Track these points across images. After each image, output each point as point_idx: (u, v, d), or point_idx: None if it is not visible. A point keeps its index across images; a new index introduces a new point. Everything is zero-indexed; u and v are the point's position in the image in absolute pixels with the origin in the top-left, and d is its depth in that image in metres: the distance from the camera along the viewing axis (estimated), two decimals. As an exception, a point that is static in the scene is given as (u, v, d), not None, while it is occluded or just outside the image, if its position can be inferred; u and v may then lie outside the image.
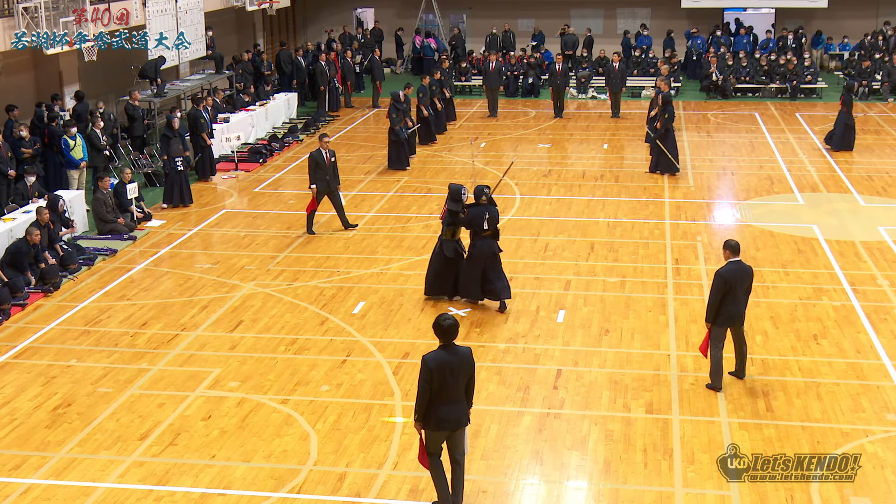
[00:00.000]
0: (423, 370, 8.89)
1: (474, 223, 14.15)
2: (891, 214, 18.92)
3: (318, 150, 17.78)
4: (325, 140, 18.02)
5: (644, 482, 9.93)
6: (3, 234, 16.07)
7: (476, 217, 14.12)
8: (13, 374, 12.59)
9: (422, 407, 8.97)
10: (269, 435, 10.93)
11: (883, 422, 11.06)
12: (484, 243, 14.17)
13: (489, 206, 14.16)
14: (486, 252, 14.15)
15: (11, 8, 19.68)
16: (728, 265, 11.61)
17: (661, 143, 21.70)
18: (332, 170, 17.83)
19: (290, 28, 39.04)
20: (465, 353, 9.07)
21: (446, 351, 8.97)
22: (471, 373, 9.13)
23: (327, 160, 17.71)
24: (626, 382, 12.06)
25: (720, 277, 11.50)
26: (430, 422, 9.02)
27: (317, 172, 17.72)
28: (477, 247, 14.21)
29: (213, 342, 13.44)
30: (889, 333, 13.38)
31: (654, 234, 17.79)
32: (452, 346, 9.00)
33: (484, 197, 14.13)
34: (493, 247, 14.21)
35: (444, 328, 8.93)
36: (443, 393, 8.95)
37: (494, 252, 14.23)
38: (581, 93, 32.39)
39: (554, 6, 37.85)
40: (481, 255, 14.16)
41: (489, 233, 14.16)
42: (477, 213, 14.13)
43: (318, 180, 17.73)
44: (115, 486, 9.95)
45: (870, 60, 31.82)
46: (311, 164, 17.81)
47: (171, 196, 19.97)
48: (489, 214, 14.10)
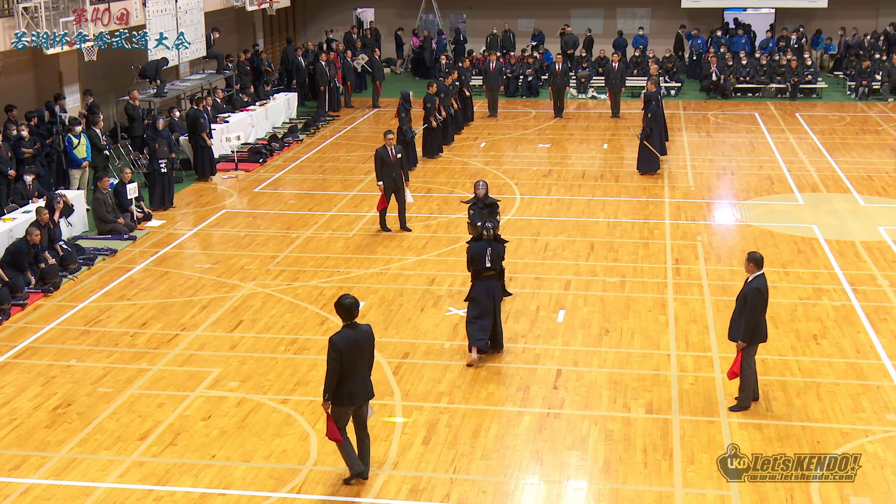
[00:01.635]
0: (333, 351, 9.34)
1: (475, 261, 12.59)
2: (891, 214, 18.92)
3: (383, 147, 17.49)
4: (389, 136, 17.69)
5: (644, 482, 9.93)
6: (3, 234, 16.08)
7: (477, 253, 12.57)
8: (13, 374, 12.60)
9: (331, 386, 9.43)
10: (269, 435, 10.93)
11: (883, 422, 11.06)
12: (483, 284, 12.60)
13: (492, 241, 12.57)
14: (486, 293, 12.54)
15: (11, 8, 19.67)
16: (759, 279, 10.98)
17: (647, 143, 21.73)
18: (399, 166, 17.51)
19: (290, 28, 39.03)
20: (366, 330, 9.66)
21: (351, 329, 9.50)
22: (373, 347, 9.72)
23: (393, 156, 17.42)
24: (625, 382, 12.06)
25: (759, 294, 10.88)
26: (343, 398, 9.51)
27: (383, 169, 17.47)
28: (476, 288, 12.65)
29: (213, 342, 13.45)
30: (889, 333, 13.39)
31: (654, 234, 17.79)
32: (355, 324, 9.54)
33: (486, 232, 12.55)
34: (492, 288, 12.63)
35: (346, 306, 9.45)
36: (352, 370, 9.48)
37: (493, 295, 12.60)
38: (581, 93, 32.40)
39: (554, 6, 37.85)
40: (480, 297, 12.56)
41: (492, 272, 12.67)
42: (478, 248, 12.58)
43: (384, 177, 17.49)
44: (115, 486, 9.95)
45: (870, 60, 31.82)
46: (377, 162, 17.56)
47: (153, 198, 19.86)
48: (492, 250, 12.56)
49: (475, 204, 15.06)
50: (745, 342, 11.03)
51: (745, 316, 10.96)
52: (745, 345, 11.04)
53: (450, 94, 25.13)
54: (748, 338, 11.01)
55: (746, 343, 11.03)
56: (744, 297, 11.03)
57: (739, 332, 11.02)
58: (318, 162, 23.71)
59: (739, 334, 11.02)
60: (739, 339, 11.03)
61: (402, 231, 17.87)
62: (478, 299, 12.53)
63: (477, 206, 15.02)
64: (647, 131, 21.75)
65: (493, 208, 15.09)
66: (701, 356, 12.75)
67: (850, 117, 28.58)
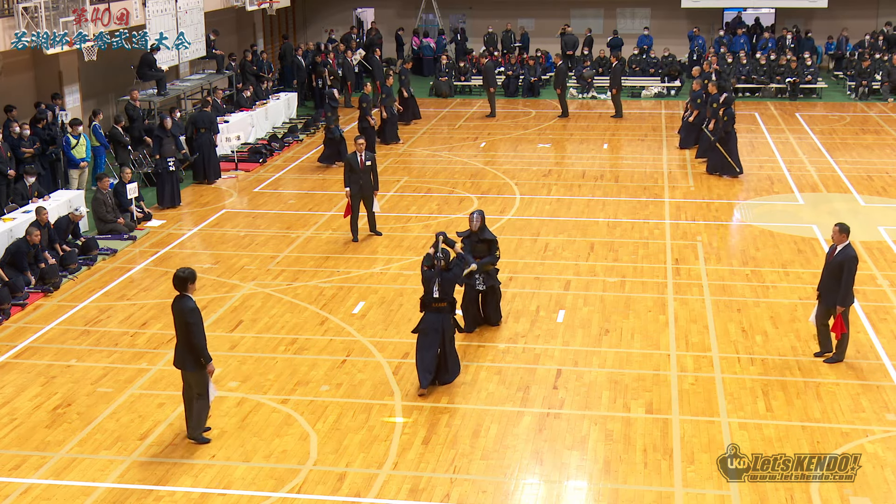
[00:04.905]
0: (197, 313, 10.38)
1: (424, 290, 11.82)
2: (891, 214, 18.92)
3: (353, 153, 17.22)
4: (360, 142, 17.37)
5: (644, 482, 9.93)
6: (3, 234, 16.07)
7: (426, 282, 11.78)
8: (13, 374, 12.60)
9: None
10: (269, 435, 10.93)
11: (883, 422, 11.06)
12: (434, 317, 11.77)
13: (443, 271, 11.72)
14: (436, 328, 11.72)
15: (11, 8, 19.67)
16: (850, 247, 12.00)
17: (721, 146, 21.62)
18: (367, 173, 17.15)
19: (291, 28, 39.04)
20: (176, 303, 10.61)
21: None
22: (178, 317, 10.58)
23: (361, 163, 17.08)
24: (625, 382, 12.06)
25: (855, 259, 11.91)
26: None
27: (351, 175, 17.15)
28: (426, 320, 11.81)
29: (213, 342, 13.42)
30: (889, 333, 13.39)
31: (654, 234, 17.79)
32: (183, 295, 10.47)
33: (437, 261, 11.73)
34: (443, 322, 11.73)
35: (180, 278, 10.42)
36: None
37: (442, 330, 11.73)
38: (582, 92, 32.39)
39: (554, 6, 37.85)
40: (430, 332, 11.74)
41: (443, 304, 11.79)
42: (428, 276, 11.77)
43: (352, 184, 17.15)
44: (115, 486, 9.95)
45: (870, 60, 31.82)
46: (346, 168, 17.28)
47: (163, 197, 19.95)
48: (441, 280, 11.68)
49: (469, 237, 13.49)
50: (844, 306, 11.95)
51: (844, 280, 11.88)
52: (844, 308, 11.95)
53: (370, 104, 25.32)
54: (843, 300, 11.93)
55: (844, 307, 11.95)
56: (839, 264, 11.95)
57: (837, 297, 11.95)
58: (317, 162, 23.71)
59: (838, 299, 11.95)
60: (838, 304, 11.96)
61: (372, 234, 17.56)
62: (426, 331, 11.79)
63: (471, 239, 13.44)
64: (721, 134, 21.61)
65: (491, 245, 13.42)
66: (701, 356, 12.76)
67: (850, 117, 28.57)
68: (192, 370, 10.50)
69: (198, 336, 10.38)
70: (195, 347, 10.39)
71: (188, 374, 10.56)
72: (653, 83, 32.63)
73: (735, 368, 12.39)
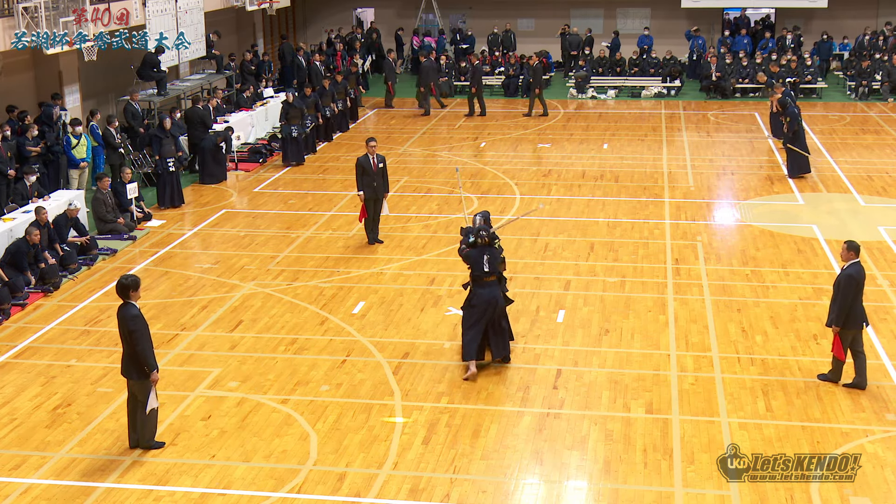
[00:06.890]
0: (140, 321, 10.29)
1: (473, 267, 12.31)
2: (891, 214, 18.92)
3: (364, 156, 16.96)
4: (372, 144, 17.01)
5: (644, 482, 9.93)
6: (3, 234, 16.06)
7: (474, 260, 12.29)
8: (13, 373, 12.60)
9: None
10: (269, 435, 10.93)
11: (883, 422, 11.06)
12: (485, 291, 12.30)
13: (488, 246, 12.30)
14: (490, 301, 12.23)
15: (11, 8, 19.66)
16: (854, 266, 11.56)
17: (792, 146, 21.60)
18: (380, 176, 16.90)
19: (291, 28, 39.04)
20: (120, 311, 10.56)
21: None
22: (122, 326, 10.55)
23: (374, 165, 16.83)
24: (625, 382, 12.06)
25: (853, 279, 11.46)
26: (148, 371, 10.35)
27: (364, 178, 16.86)
28: (478, 295, 12.31)
29: (213, 342, 13.45)
30: (889, 333, 13.39)
31: (653, 234, 17.79)
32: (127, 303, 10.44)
33: (480, 238, 12.26)
34: (495, 295, 12.36)
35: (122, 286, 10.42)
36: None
37: (498, 301, 12.35)
38: (581, 93, 32.37)
39: (554, 6, 37.85)
40: (482, 305, 12.23)
41: (493, 277, 12.35)
42: (475, 255, 12.30)
43: (365, 187, 16.88)
44: (115, 486, 9.95)
45: (870, 60, 31.80)
46: (357, 170, 16.92)
47: (164, 197, 19.95)
48: (489, 255, 12.28)
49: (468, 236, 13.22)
50: (839, 326, 11.55)
51: (838, 301, 11.54)
52: (840, 329, 11.55)
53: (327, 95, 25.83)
54: (841, 322, 11.54)
55: (840, 327, 11.56)
56: (837, 283, 11.63)
57: (832, 316, 11.62)
58: (318, 162, 23.72)
59: (832, 319, 11.61)
60: (833, 325, 11.61)
61: (374, 243, 17.21)
62: (478, 307, 12.21)
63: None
64: (789, 135, 21.60)
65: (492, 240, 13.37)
66: (701, 356, 12.76)
67: (850, 117, 28.56)
68: (136, 380, 10.35)
69: (141, 344, 10.23)
70: (138, 355, 10.24)
71: (132, 384, 10.40)
72: (653, 83, 32.63)
73: (735, 368, 12.39)
